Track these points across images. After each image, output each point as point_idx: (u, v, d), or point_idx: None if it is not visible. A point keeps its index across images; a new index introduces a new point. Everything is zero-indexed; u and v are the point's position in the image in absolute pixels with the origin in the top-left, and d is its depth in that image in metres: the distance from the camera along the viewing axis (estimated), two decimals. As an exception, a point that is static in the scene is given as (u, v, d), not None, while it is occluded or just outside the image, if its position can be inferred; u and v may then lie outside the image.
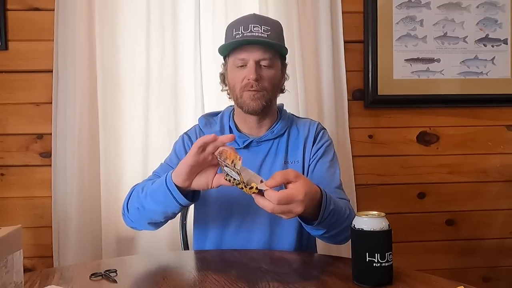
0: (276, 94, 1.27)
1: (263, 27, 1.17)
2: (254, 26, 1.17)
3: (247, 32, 1.17)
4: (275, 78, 1.22)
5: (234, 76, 1.22)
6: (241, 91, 1.20)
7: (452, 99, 1.94)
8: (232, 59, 1.21)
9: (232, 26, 1.22)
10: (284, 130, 1.28)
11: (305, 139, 1.27)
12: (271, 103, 1.24)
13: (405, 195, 1.96)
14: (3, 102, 1.80)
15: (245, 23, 1.18)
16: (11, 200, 1.80)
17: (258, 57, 1.17)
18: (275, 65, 1.22)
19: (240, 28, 1.18)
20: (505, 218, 2.00)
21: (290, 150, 1.26)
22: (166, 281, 0.92)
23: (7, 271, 0.69)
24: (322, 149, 1.27)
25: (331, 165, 1.25)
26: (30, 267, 1.78)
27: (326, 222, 1.00)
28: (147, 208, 1.10)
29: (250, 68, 1.17)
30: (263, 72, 1.19)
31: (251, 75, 1.16)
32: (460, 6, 1.93)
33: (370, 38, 1.89)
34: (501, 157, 1.99)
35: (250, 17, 1.22)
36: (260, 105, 1.19)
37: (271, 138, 1.26)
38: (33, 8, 1.80)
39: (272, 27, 1.20)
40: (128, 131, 1.80)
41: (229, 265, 1.03)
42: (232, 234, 1.23)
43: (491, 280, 2.00)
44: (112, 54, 1.78)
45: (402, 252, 1.89)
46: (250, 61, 1.17)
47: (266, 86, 1.19)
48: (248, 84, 1.18)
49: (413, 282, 0.89)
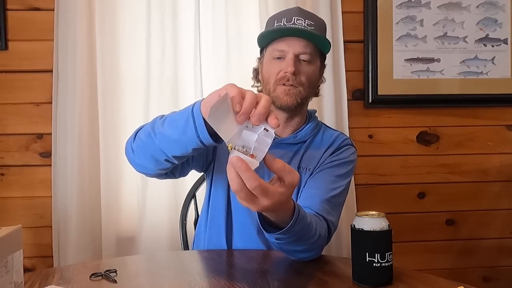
0: (312, 94, 1.20)
1: (307, 21, 1.11)
2: (297, 19, 1.11)
3: (290, 23, 1.11)
4: (314, 75, 1.16)
5: (269, 67, 1.15)
6: (275, 84, 1.13)
7: (452, 99, 1.94)
8: (270, 50, 1.15)
9: (274, 17, 1.17)
10: (308, 138, 1.19)
11: (325, 149, 1.18)
12: (305, 102, 1.18)
13: (405, 195, 1.96)
14: (3, 102, 1.80)
15: (289, 15, 1.13)
16: (11, 200, 1.80)
17: (298, 50, 1.11)
18: (315, 62, 1.16)
19: (283, 20, 1.12)
20: (505, 218, 2.00)
21: (306, 156, 1.18)
22: (166, 281, 0.92)
23: (7, 271, 0.69)
24: (337, 161, 1.16)
25: (337, 180, 1.13)
26: (30, 267, 1.78)
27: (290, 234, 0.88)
28: (159, 133, 0.93)
29: (289, 61, 1.10)
30: (302, 67, 1.13)
31: (289, 68, 1.10)
32: (460, 6, 1.93)
33: (370, 38, 1.89)
34: (501, 157, 1.99)
35: (294, 10, 1.16)
36: (294, 101, 1.12)
37: (292, 142, 1.18)
38: (33, 8, 1.80)
39: (316, 22, 1.14)
40: (128, 131, 1.78)
41: (229, 265, 1.03)
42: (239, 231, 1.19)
43: (491, 280, 2.00)
44: (112, 54, 1.78)
45: (402, 252, 1.89)
46: (290, 54, 1.11)
47: (303, 81, 1.13)
48: (284, 77, 1.11)
49: (413, 282, 0.89)
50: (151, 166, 1.01)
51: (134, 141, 1.02)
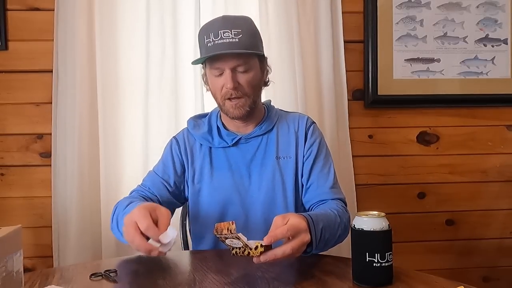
0: (259, 94, 1.27)
1: (233, 31, 1.15)
2: (224, 31, 1.14)
3: (218, 39, 1.15)
4: (254, 80, 1.21)
5: (213, 84, 1.22)
6: (222, 100, 1.20)
7: (452, 99, 1.94)
8: (209, 69, 1.21)
9: (202, 32, 1.20)
10: (273, 126, 1.28)
11: (295, 134, 1.28)
12: (255, 104, 1.23)
13: (405, 195, 1.96)
14: (3, 102, 1.80)
15: (215, 29, 1.16)
16: (11, 200, 1.80)
17: (232, 65, 1.16)
18: (252, 67, 1.20)
19: (211, 35, 1.16)
20: (505, 218, 2.00)
21: (281, 145, 1.26)
22: (166, 281, 0.92)
23: (7, 271, 0.69)
24: (315, 146, 1.27)
25: (325, 163, 1.26)
26: (30, 267, 1.78)
27: (320, 244, 1.01)
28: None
29: (227, 77, 1.16)
30: (240, 78, 1.18)
31: (228, 84, 1.16)
32: (460, 6, 1.93)
33: (370, 38, 1.89)
34: (501, 157, 1.99)
35: (219, 21, 1.18)
36: (244, 112, 1.20)
37: (259, 134, 1.27)
38: (33, 8, 1.80)
39: (243, 28, 1.17)
40: (128, 131, 1.80)
41: (229, 265, 1.03)
42: None
43: (491, 280, 2.00)
44: (112, 54, 1.78)
45: (402, 252, 1.89)
46: (226, 70, 1.16)
47: (246, 91, 1.19)
48: (227, 92, 1.18)
49: (413, 282, 0.89)
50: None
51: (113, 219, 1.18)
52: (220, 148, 1.27)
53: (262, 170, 1.25)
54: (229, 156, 1.26)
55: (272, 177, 1.24)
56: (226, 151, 1.26)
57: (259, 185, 1.24)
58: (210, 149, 1.27)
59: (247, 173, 1.25)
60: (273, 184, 1.24)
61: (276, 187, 1.24)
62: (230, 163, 1.25)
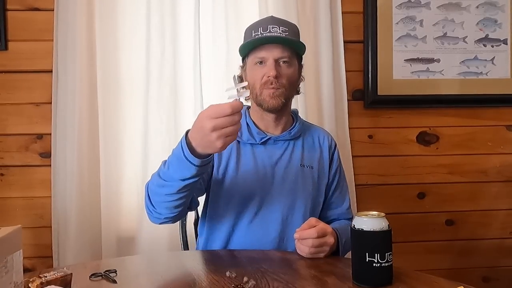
0: (293, 93, 1.31)
1: (281, 28, 1.22)
2: (272, 26, 1.22)
3: (266, 32, 1.22)
4: (293, 76, 1.26)
5: (253, 74, 1.25)
6: (261, 89, 1.23)
7: (452, 99, 1.94)
8: (252, 58, 1.25)
9: (251, 28, 1.27)
10: (300, 134, 1.33)
11: (320, 147, 1.35)
12: (289, 101, 1.28)
13: (405, 195, 1.96)
14: (3, 102, 1.80)
15: (264, 24, 1.23)
16: (11, 200, 1.80)
17: (277, 55, 1.21)
18: (293, 63, 1.26)
19: (259, 29, 1.23)
20: (505, 218, 2.00)
21: (305, 154, 1.31)
22: (166, 281, 0.92)
23: (7, 271, 0.69)
24: (339, 170, 1.37)
25: (342, 184, 1.38)
26: (30, 267, 1.78)
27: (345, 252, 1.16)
28: (167, 181, 1.04)
29: (270, 66, 1.21)
30: (282, 69, 1.23)
31: (271, 72, 1.20)
32: (460, 6, 1.93)
33: (370, 38, 1.89)
34: (501, 157, 1.99)
35: (268, 19, 1.28)
36: (280, 102, 1.23)
37: (288, 138, 1.30)
38: (33, 8, 1.80)
39: (290, 28, 1.25)
40: (127, 131, 1.80)
41: (229, 265, 1.03)
42: (244, 229, 1.24)
43: (491, 280, 2.00)
44: (112, 54, 1.78)
45: (402, 252, 1.88)
46: (270, 59, 1.21)
47: (285, 83, 1.23)
48: (268, 81, 1.21)
49: (413, 282, 0.89)
50: (175, 208, 1.09)
51: (150, 201, 1.11)
52: (247, 144, 1.28)
53: (285, 173, 1.27)
54: (256, 154, 1.27)
55: (295, 182, 1.27)
56: (253, 148, 1.28)
57: (281, 187, 1.26)
58: (238, 144, 1.28)
59: (271, 174, 1.26)
60: (295, 190, 1.27)
61: (298, 192, 1.27)
62: (257, 160, 1.27)
